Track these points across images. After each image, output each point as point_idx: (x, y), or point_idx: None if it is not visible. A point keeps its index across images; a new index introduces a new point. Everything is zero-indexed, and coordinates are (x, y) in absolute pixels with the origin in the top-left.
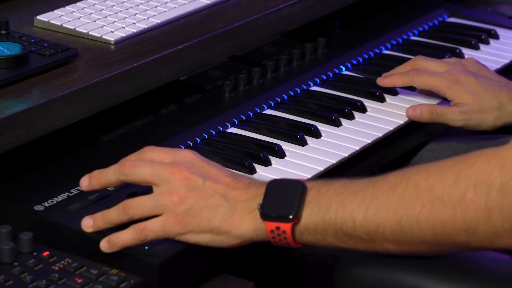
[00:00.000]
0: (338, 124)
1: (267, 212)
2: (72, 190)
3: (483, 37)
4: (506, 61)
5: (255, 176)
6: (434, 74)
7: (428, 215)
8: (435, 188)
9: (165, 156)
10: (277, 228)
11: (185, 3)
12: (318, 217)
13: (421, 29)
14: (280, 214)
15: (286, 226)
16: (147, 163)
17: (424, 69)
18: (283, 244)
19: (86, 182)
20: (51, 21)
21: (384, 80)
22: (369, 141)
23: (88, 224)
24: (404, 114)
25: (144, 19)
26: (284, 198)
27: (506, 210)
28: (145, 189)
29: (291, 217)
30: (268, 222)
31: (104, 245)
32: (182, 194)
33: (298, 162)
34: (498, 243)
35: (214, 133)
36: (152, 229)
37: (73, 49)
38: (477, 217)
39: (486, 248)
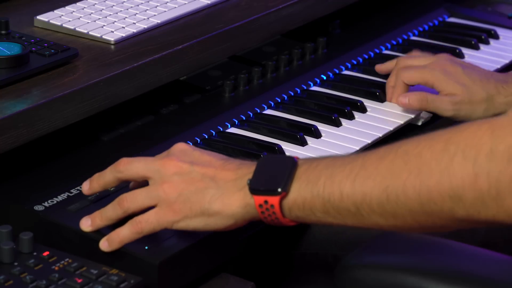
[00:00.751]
0: (338, 124)
1: (255, 185)
2: (72, 190)
3: (483, 37)
4: (506, 61)
5: None
6: (421, 68)
7: (414, 182)
8: (424, 154)
9: (162, 153)
10: (266, 202)
11: (185, 3)
12: (306, 191)
13: (421, 29)
14: (268, 187)
15: (274, 200)
16: (140, 158)
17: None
18: (273, 221)
19: (87, 186)
20: (51, 21)
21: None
22: (369, 141)
23: (87, 223)
24: (405, 114)
25: (144, 19)
26: (274, 172)
27: (493, 175)
28: (142, 185)
29: (279, 190)
30: (256, 196)
31: (104, 244)
32: (172, 182)
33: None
34: (485, 213)
35: (214, 133)
36: (147, 220)
37: (73, 49)
38: (464, 183)
39: (473, 220)
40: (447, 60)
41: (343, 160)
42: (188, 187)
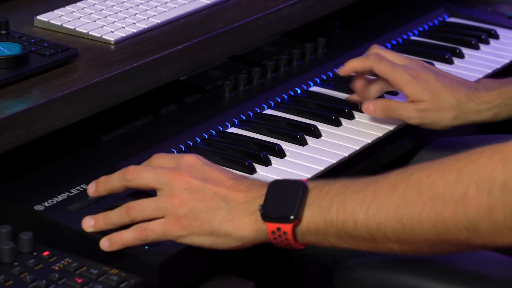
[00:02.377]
0: (338, 124)
1: (267, 213)
2: (72, 190)
3: (483, 37)
4: (506, 61)
5: (255, 176)
6: (396, 66)
7: (429, 213)
8: (437, 186)
9: (170, 162)
10: (278, 229)
11: (185, 3)
12: (320, 218)
13: (421, 29)
14: (281, 215)
15: (287, 227)
16: (150, 168)
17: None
18: (284, 245)
19: (93, 189)
20: (51, 21)
21: (343, 68)
22: (369, 141)
23: (89, 224)
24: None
25: (144, 19)
26: (285, 199)
27: (508, 207)
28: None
29: (292, 217)
30: (269, 223)
31: (105, 243)
32: (182, 197)
33: (298, 162)
34: (501, 240)
35: (214, 133)
36: (153, 229)
37: (73, 49)
38: (479, 214)
39: (489, 246)
40: (420, 66)
41: (355, 187)
42: (198, 205)
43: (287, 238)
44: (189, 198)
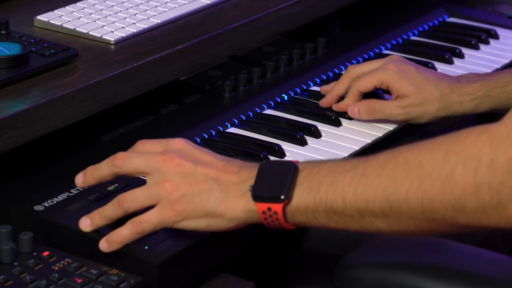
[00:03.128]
0: (338, 124)
1: (258, 193)
2: (72, 190)
3: (483, 37)
4: (506, 61)
5: None
6: (374, 70)
7: (416, 192)
8: (425, 164)
9: (157, 146)
10: (269, 209)
11: (185, 3)
12: (309, 197)
13: (421, 29)
14: (271, 194)
15: (277, 207)
16: (139, 154)
17: (363, 71)
18: (275, 225)
19: (81, 179)
20: (51, 21)
21: (325, 100)
22: (369, 141)
23: (86, 223)
24: None
25: (144, 19)
26: (275, 179)
27: (494, 186)
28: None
29: (282, 197)
30: (259, 203)
31: (103, 244)
32: (174, 181)
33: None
34: (487, 220)
35: (214, 133)
36: (148, 220)
37: (73, 49)
38: (465, 193)
39: (475, 226)
40: (400, 61)
41: (344, 166)
42: (191, 188)
43: (278, 218)
44: (181, 182)
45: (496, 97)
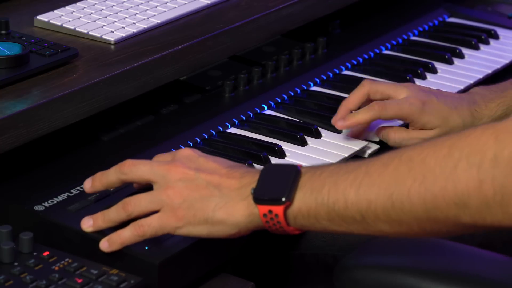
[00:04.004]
0: None
1: (259, 195)
2: (72, 190)
3: (483, 37)
4: (506, 61)
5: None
6: (401, 102)
7: (419, 189)
8: (428, 161)
9: (167, 156)
10: (270, 211)
11: (185, 3)
12: (311, 200)
13: (421, 29)
14: (272, 196)
15: (278, 209)
16: (146, 161)
17: (381, 96)
18: (277, 230)
19: (89, 184)
20: (51, 21)
21: (347, 122)
22: (370, 141)
23: (88, 224)
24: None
25: (144, 19)
26: (277, 181)
27: (498, 181)
28: (146, 189)
29: (283, 199)
30: (260, 206)
31: (104, 244)
32: (177, 188)
33: (298, 162)
34: (491, 218)
35: (214, 133)
36: (150, 224)
37: (73, 49)
38: (469, 188)
39: (478, 225)
40: (420, 91)
41: (347, 168)
42: (192, 194)
43: (279, 221)
44: (183, 188)
45: None
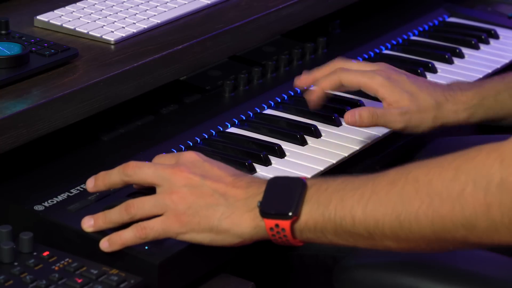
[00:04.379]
0: (338, 124)
1: (266, 209)
2: (72, 190)
3: (483, 37)
4: (506, 61)
5: (255, 175)
6: (365, 71)
7: (427, 211)
8: (434, 183)
9: (170, 159)
10: (276, 225)
11: (185, 3)
12: (318, 214)
13: (421, 29)
14: (279, 211)
15: (285, 224)
16: (150, 164)
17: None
18: (283, 242)
19: (92, 184)
20: (51, 21)
21: (300, 80)
22: (369, 141)
23: (89, 223)
24: None
25: (144, 19)
26: (284, 195)
27: (505, 205)
28: (145, 189)
29: (290, 214)
30: (267, 220)
31: (104, 244)
32: (182, 193)
33: (298, 162)
34: (498, 239)
35: (214, 133)
36: (153, 227)
37: (73, 49)
38: (476, 212)
39: (486, 244)
40: (390, 69)
41: (353, 184)
42: (198, 201)
43: (286, 234)
44: (188, 194)
45: (489, 107)
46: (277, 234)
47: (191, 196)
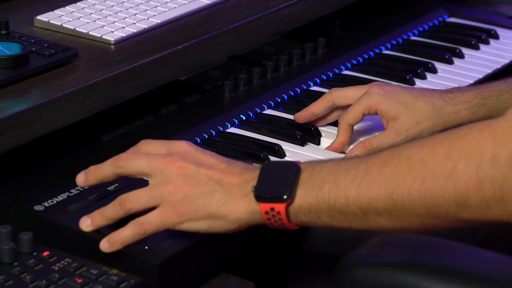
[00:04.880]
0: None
1: (261, 193)
2: (72, 190)
3: (483, 37)
4: (506, 61)
5: None
6: (359, 99)
7: (419, 188)
8: (427, 161)
9: (161, 148)
10: (272, 209)
11: (185, 3)
12: (312, 197)
13: (421, 29)
14: (274, 194)
15: (280, 207)
16: (142, 155)
17: (345, 100)
18: (279, 226)
19: (83, 178)
20: (51, 21)
21: (299, 114)
22: None
23: (86, 223)
24: None
25: (144, 19)
26: (278, 179)
27: (497, 180)
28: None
29: (285, 197)
30: (262, 204)
31: (104, 244)
32: (177, 183)
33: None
34: (490, 215)
35: (214, 133)
36: (151, 221)
37: (73, 49)
38: (468, 188)
39: (478, 221)
40: (383, 84)
41: (346, 165)
42: (194, 190)
43: (281, 218)
44: (183, 183)
45: (492, 106)
46: (272, 218)
47: (186, 186)
